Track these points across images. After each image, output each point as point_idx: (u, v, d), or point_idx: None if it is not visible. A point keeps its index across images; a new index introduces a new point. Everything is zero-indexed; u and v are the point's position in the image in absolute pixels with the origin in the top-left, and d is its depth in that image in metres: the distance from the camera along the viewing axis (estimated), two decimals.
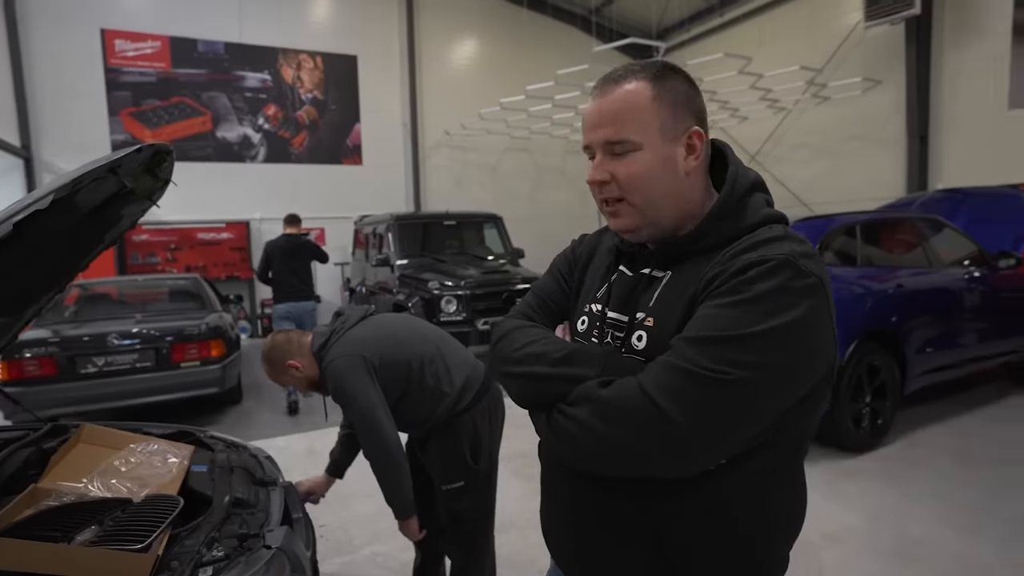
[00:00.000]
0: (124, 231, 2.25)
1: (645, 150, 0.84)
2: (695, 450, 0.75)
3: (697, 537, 0.85)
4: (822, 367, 0.79)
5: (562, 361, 0.87)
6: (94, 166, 1.37)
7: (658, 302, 0.86)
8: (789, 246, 0.78)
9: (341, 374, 1.85)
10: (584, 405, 0.80)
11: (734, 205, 0.87)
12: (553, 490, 1.04)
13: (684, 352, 0.75)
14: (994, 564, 2.58)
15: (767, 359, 0.73)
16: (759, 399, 0.74)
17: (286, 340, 2.02)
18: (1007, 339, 4.72)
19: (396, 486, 1.88)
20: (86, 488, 1.56)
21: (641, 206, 0.87)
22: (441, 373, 1.95)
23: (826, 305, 0.78)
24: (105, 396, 4.34)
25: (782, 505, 0.89)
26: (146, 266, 8.76)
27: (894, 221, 4.69)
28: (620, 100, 0.85)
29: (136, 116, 8.92)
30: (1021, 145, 7.28)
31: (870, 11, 8.01)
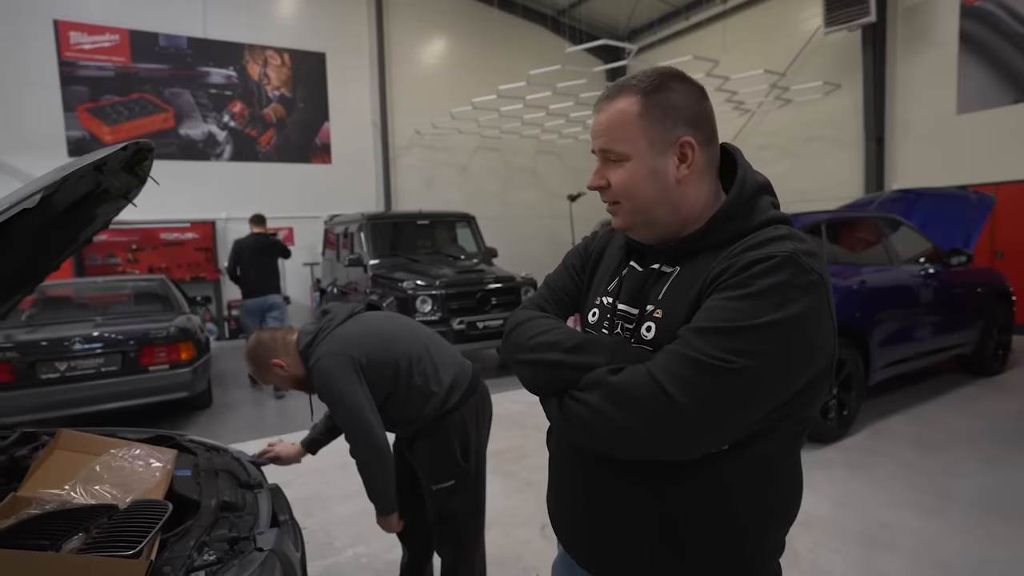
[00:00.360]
0: (98, 230, 2.19)
1: (633, 161, 0.90)
2: (699, 433, 0.79)
3: (702, 520, 0.88)
4: (821, 360, 0.83)
5: (574, 349, 0.91)
6: (81, 163, 1.33)
7: (667, 295, 0.91)
8: (792, 244, 0.82)
9: (328, 372, 1.83)
10: (595, 391, 0.84)
11: (742, 206, 0.91)
12: (563, 476, 1.06)
13: (692, 341, 0.79)
14: (953, 542, 2.73)
15: (770, 349, 0.77)
16: (761, 387, 0.78)
17: (270, 339, 1.98)
18: (959, 332, 4.98)
19: (381, 484, 1.87)
20: (69, 495, 1.52)
21: (631, 209, 0.93)
22: (429, 372, 1.94)
23: (826, 301, 0.82)
24: (68, 402, 4.17)
25: (781, 491, 0.94)
26: (106, 267, 8.44)
27: (857, 220, 4.88)
28: (612, 115, 0.92)
29: (94, 112, 8.59)
30: (968, 148, 7.66)
31: (829, 17, 8.30)
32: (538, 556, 2.78)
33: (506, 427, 4.29)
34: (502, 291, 6.43)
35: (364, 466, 1.87)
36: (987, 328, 5.27)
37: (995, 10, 7.33)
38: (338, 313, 2.00)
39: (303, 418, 4.88)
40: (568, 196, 11.05)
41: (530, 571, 2.66)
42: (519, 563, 2.71)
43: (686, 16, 11.23)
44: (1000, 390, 5.06)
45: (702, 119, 0.92)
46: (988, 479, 3.35)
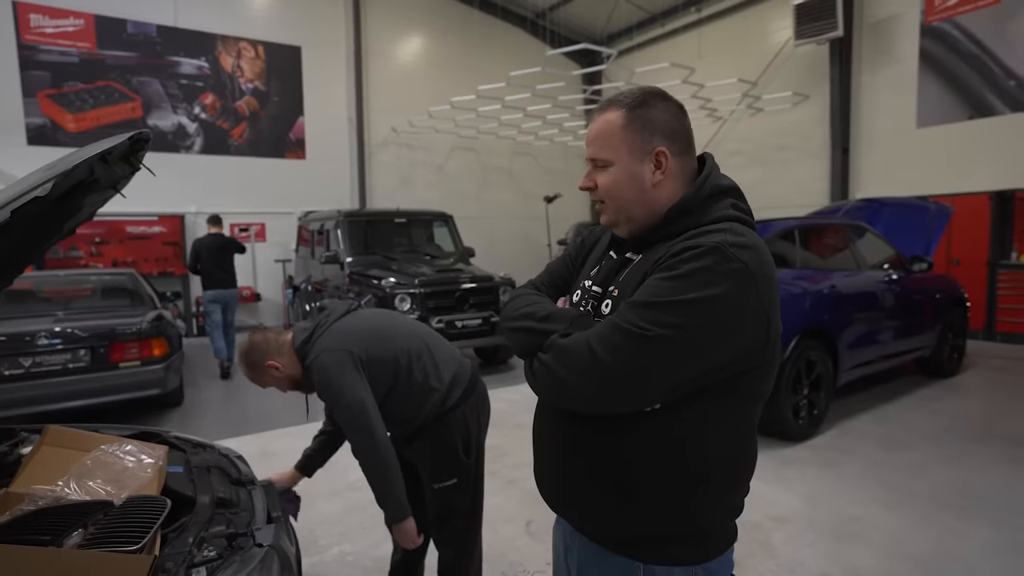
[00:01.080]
0: (83, 221, 2.14)
1: (616, 166, 1.05)
2: (622, 389, 0.92)
3: (645, 471, 1.00)
4: (743, 340, 0.93)
5: (544, 319, 1.07)
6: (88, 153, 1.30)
7: (624, 278, 1.06)
8: (723, 236, 0.93)
9: (327, 369, 1.79)
10: (550, 352, 1.00)
11: (698, 204, 1.03)
12: (540, 437, 1.19)
13: (623, 313, 0.93)
14: (918, 535, 2.87)
15: (683, 322, 0.89)
16: (673, 353, 0.90)
17: (263, 340, 1.93)
18: (920, 336, 5.22)
19: (387, 486, 1.81)
20: (62, 491, 1.48)
21: (614, 208, 1.08)
22: (429, 368, 1.92)
23: (751, 288, 0.91)
24: (33, 399, 4.01)
25: (726, 455, 1.03)
26: (67, 260, 8.11)
27: (827, 227, 5.07)
28: (600, 126, 1.07)
29: (56, 99, 8.26)
30: (927, 161, 8.02)
31: (800, 30, 8.58)
32: (523, 553, 2.81)
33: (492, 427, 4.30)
34: (480, 291, 6.44)
35: (368, 466, 1.82)
36: (944, 332, 5.53)
37: (951, 30, 7.70)
38: (335, 309, 1.97)
39: (277, 416, 4.84)
40: (544, 198, 11.12)
41: (517, 568, 2.69)
42: (504, 560, 2.74)
43: (662, 23, 11.44)
44: (956, 391, 5.32)
45: (679, 133, 1.06)
46: (949, 475, 3.52)
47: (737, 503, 1.07)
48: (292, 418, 4.77)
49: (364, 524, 3.03)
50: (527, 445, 1.28)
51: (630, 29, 11.92)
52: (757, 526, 2.95)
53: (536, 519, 3.10)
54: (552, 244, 11.61)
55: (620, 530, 1.05)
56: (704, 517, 1.03)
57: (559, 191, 11.56)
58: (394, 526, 1.86)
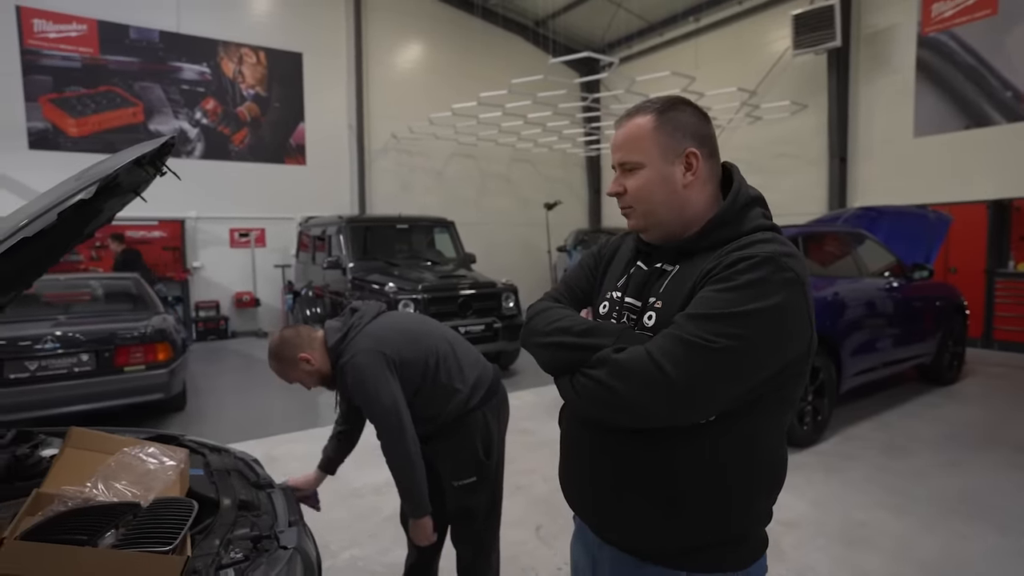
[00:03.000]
0: (102, 224, 2.14)
1: (647, 168, 1.05)
2: (688, 403, 0.91)
3: (692, 483, 1.00)
4: (796, 347, 0.96)
5: (585, 333, 1.05)
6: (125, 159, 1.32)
7: (667, 289, 1.04)
8: (774, 247, 0.95)
9: (362, 370, 1.82)
10: (602, 367, 0.97)
11: (734, 214, 1.04)
12: (573, 448, 1.18)
13: (684, 326, 0.92)
14: (925, 540, 2.90)
15: (746, 333, 0.89)
16: (738, 364, 0.91)
17: (295, 334, 1.95)
18: (921, 343, 5.26)
19: (414, 485, 1.86)
20: (90, 492, 1.48)
21: (644, 211, 1.08)
22: (454, 370, 1.96)
23: (802, 297, 0.94)
24: (37, 404, 3.99)
25: (764, 462, 1.05)
26: (67, 264, 8.08)
27: (830, 234, 5.11)
28: (629, 130, 1.07)
29: (58, 103, 8.25)
30: (925, 170, 8.11)
31: (798, 40, 8.68)
32: (533, 556, 2.82)
33: None
34: (483, 297, 6.46)
35: (397, 466, 1.86)
36: (944, 340, 5.58)
37: (948, 41, 7.81)
38: (367, 311, 1.99)
39: (279, 421, 4.83)
40: (545, 205, 11.16)
41: (528, 571, 2.69)
42: (515, 563, 2.74)
43: (660, 32, 11.54)
44: (956, 398, 5.36)
45: (706, 137, 1.07)
46: (953, 481, 3.56)
47: (770, 508, 1.09)
48: (294, 423, 4.77)
49: (371, 531, 3.04)
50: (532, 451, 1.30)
51: (629, 38, 12.02)
52: (768, 530, 2.96)
53: (545, 524, 3.11)
54: (552, 251, 11.64)
55: (662, 542, 1.04)
56: (744, 524, 1.04)
57: (559, 198, 11.61)
58: (413, 521, 1.91)
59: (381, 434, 1.86)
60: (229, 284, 9.68)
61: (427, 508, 1.89)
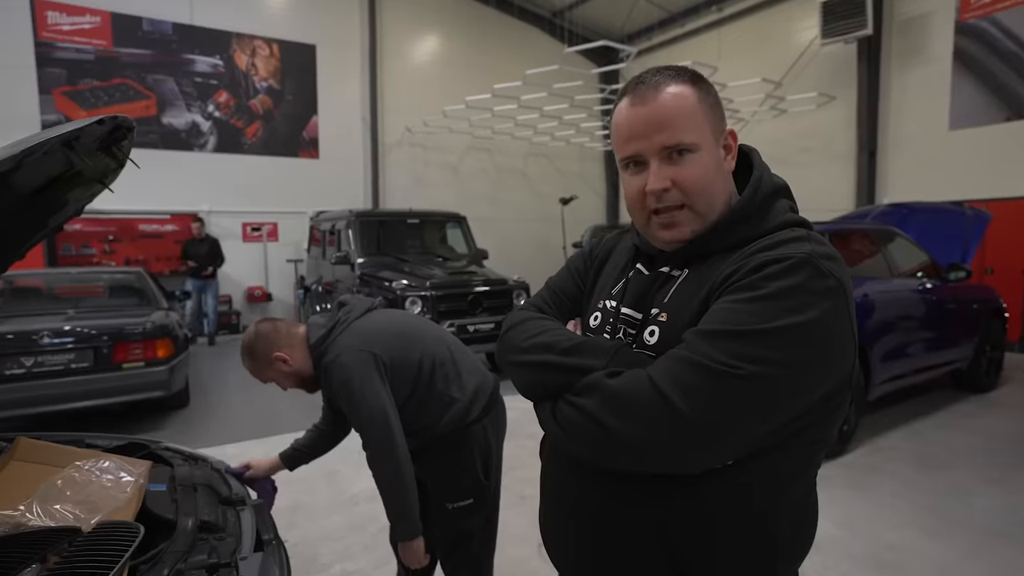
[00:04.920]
0: (69, 217, 2.00)
1: (703, 151, 0.82)
2: (702, 445, 0.72)
3: (705, 546, 0.80)
4: (838, 372, 0.77)
5: (570, 351, 0.84)
6: (45, 136, 1.15)
7: (673, 299, 0.85)
8: (810, 246, 0.77)
9: (348, 371, 1.62)
10: (591, 395, 0.77)
11: (756, 207, 0.85)
12: (556, 492, 0.98)
13: (697, 346, 0.73)
14: (968, 567, 2.64)
15: (783, 356, 0.70)
16: (770, 396, 0.71)
17: (271, 329, 1.75)
18: (957, 348, 4.95)
19: (403, 503, 1.65)
20: (23, 516, 1.33)
21: (703, 210, 0.84)
22: (452, 377, 1.76)
23: (846, 308, 0.76)
24: (33, 400, 3.91)
25: (792, 517, 0.84)
26: (80, 258, 8.10)
27: (859, 232, 4.83)
28: (670, 104, 0.82)
29: (71, 95, 8.25)
30: (960, 164, 7.71)
31: (826, 29, 8.31)
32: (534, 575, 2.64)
33: None
34: (494, 294, 6.28)
35: (384, 480, 1.65)
36: (981, 344, 5.26)
37: (989, 28, 7.39)
38: (356, 306, 1.79)
39: (285, 420, 4.70)
40: (560, 199, 10.93)
41: None
42: None
43: (682, 23, 11.21)
44: (994, 407, 5.04)
45: (723, 110, 0.90)
46: (993, 500, 3.28)
47: (797, 569, 0.89)
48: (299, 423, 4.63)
49: (366, 542, 2.87)
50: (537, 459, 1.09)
51: (650, 28, 11.70)
52: None
53: None
54: (567, 247, 11.42)
55: None
56: None
57: (575, 193, 11.36)
58: (403, 544, 1.69)
59: (367, 443, 1.66)
60: (241, 279, 9.64)
61: (419, 528, 1.68)
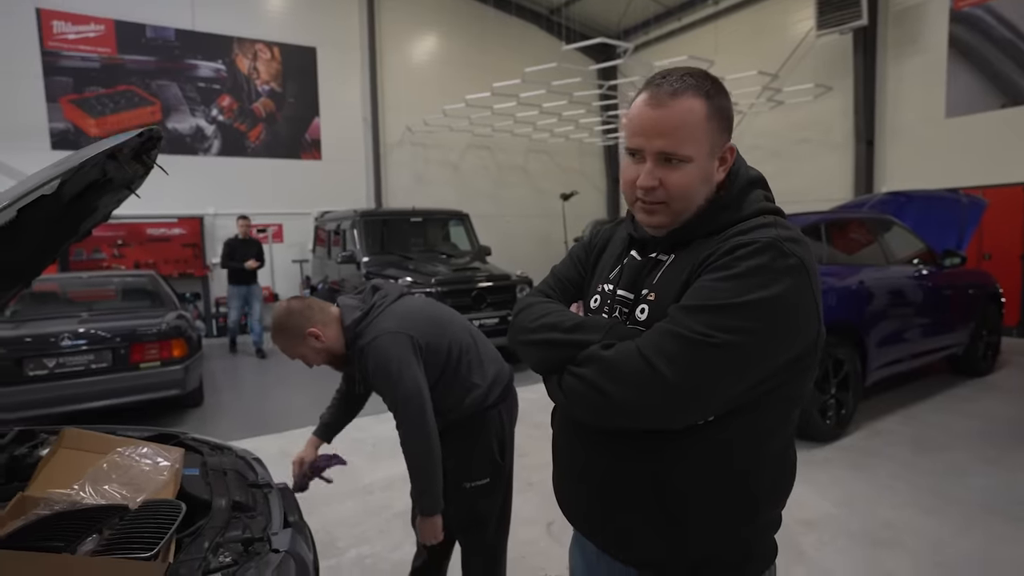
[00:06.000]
0: (98, 223, 2.12)
1: (695, 163, 0.92)
2: (683, 404, 0.84)
3: (692, 490, 0.92)
4: (802, 339, 0.88)
5: (572, 329, 0.97)
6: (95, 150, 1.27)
7: (660, 280, 0.96)
8: (775, 231, 0.88)
9: (386, 353, 1.70)
10: (589, 365, 0.90)
11: (733, 198, 0.97)
12: (565, 454, 1.12)
13: (678, 318, 0.85)
14: (956, 542, 2.75)
15: (750, 326, 0.82)
16: (741, 360, 0.83)
17: (305, 306, 1.82)
18: (952, 333, 5.04)
19: (430, 480, 1.74)
20: (78, 495, 1.46)
21: (679, 210, 0.95)
22: (475, 364, 1.86)
23: (807, 284, 0.86)
24: (56, 400, 4.05)
25: (771, 465, 0.96)
26: (90, 262, 8.23)
27: (854, 221, 4.92)
28: (680, 116, 0.90)
29: (78, 103, 8.37)
30: (957, 152, 7.78)
31: (821, 20, 8.38)
32: (545, 556, 2.75)
33: None
34: (497, 289, 6.39)
35: (415, 457, 1.74)
36: (978, 329, 5.35)
37: (984, 16, 7.45)
38: (391, 291, 1.88)
39: (297, 416, 4.83)
40: (561, 195, 11.03)
41: (538, 571, 2.63)
42: (524, 563, 2.68)
43: (678, 17, 11.27)
44: (992, 390, 5.13)
45: (732, 120, 0.98)
46: (988, 479, 3.38)
47: (779, 516, 1.01)
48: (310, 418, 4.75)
49: (381, 527, 3.00)
50: (546, 445, 1.22)
51: (646, 23, 11.76)
52: (785, 530, 2.82)
53: (557, 520, 3.05)
54: (568, 242, 11.51)
55: (659, 556, 0.97)
56: (750, 534, 0.96)
57: (575, 188, 11.45)
58: (423, 519, 1.79)
59: (401, 422, 1.74)
60: None
61: (441, 504, 1.78)
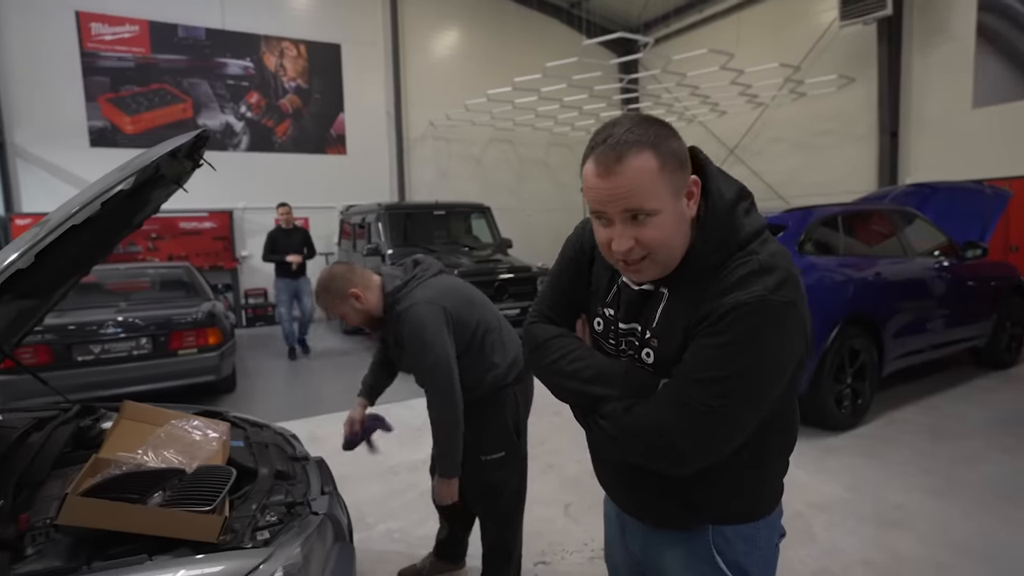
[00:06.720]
0: (149, 215, 2.29)
1: (663, 213, 0.92)
2: (703, 458, 0.96)
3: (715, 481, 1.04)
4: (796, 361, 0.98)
5: (592, 380, 1.05)
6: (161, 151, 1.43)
7: (660, 323, 1.00)
8: (764, 283, 0.90)
9: (422, 320, 1.84)
10: (612, 423, 1.00)
11: (720, 228, 0.96)
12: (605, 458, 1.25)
13: (685, 391, 0.93)
14: (966, 523, 2.82)
15: (750, 386, 0.91)
16: (745, 416, 0.94)
17: (349, 270, 1.99)
18: (973, 325, 5.02)
19: (453, 443, 1.88)
20: (141, 458, 1.63)
21: (663, 259, 0.96)
22: (497, 344, 2.00)
23: (798, 320, 0.93)
24: (101, 384, 4.30)
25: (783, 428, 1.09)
26: (127, 255, 8.58)
27: (872, 213, 4.92)
28: (631, 179, 0.89)
29: (114, 102, 8.70)
30: (984, 142, 7.64)
31: (845, 11, 8.27)
32: (562, 534, 2.88)
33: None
34: (518, 281, 6.53)
35: (441, 422, 1.88)
36: (1001, 321, 5.31)
37: (1014, 3, 7.29)
38: (431, 265, 2.03)
39: (324, 402, 5.04)
40: (581, 189, 11.06)
41: (556, 547, 2.76)
42: (543, 539, 2.82)
43: (700, 9, 11.19)
44: (1014, 382, 5.10)
45: (687, 155, 0.97)
46: (1002, 467, 3.42)
47: (787, 463, 1.13)
48: (337, 404, 4.96)
49: (407, 505, 3.17)
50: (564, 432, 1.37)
51: (667, 16, 11.70)
52: (798, 514, 2.94)
53: (574, 502, 3.17)
54: None
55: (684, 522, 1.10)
56: (764, 484, 1.10)
57: None
58: (442, 481, 1.95)
59: (430, 388, 1.88)
60: None
61: (458, 470, 1.93)
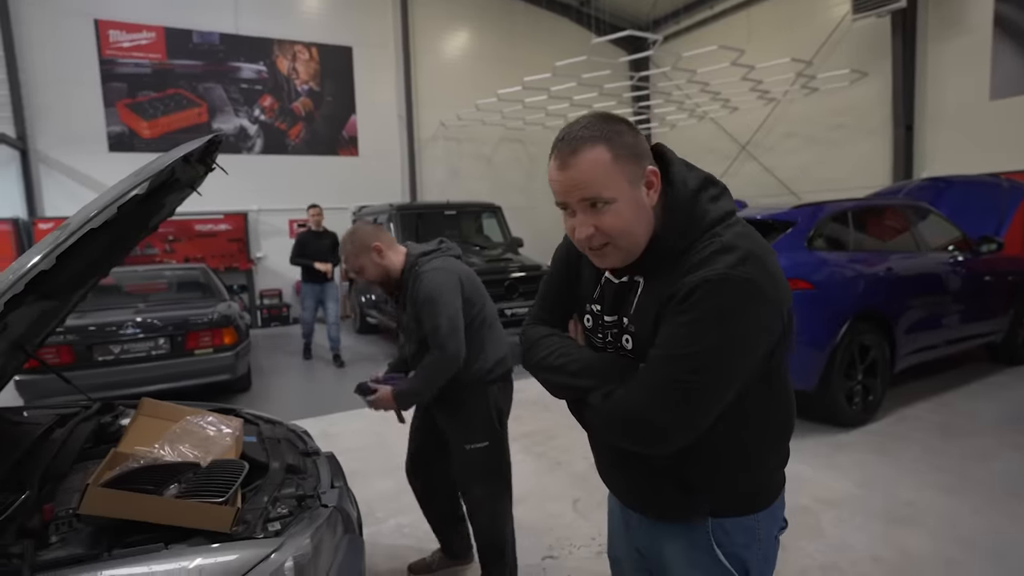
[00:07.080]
0: (164, 218, 2.36)
1: (620, 201, 0.98)
2: (683, 435, 0.99)
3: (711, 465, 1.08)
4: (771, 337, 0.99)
5: (576, 374, 1.12)
6: (175, 156, 1.48)
7: (637, 310, 1.05)
8: (725, 260, 0.94)
9: (439, 281, 2.02)
10: (596, 412, 1.06)
11: (683, 218, 1.01)
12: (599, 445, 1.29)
13: (658, 369, 0.97)
14: (976, 520, 2.80)
15: (720, 362, 0.94)
16: (723, 385, 0.96)
17: (377, 227, 2.19)
18: (989, 320, 4.96)
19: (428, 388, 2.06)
20: (158, 452, 1.69)
21: (626, 246, 1.01)
22: (487, 339, 2.13)
23: (764, 296, 0.94)
24: (121, 383, 4.42)
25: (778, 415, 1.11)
26: (144, 257, 8.76)
27: (884, 208, 4.88)
28: (585, 170, 0.96)
29: (132, 107, 8.88)
30: (1001, 135, 7.52)
31: (858, 4, 8.19)
32: (570, 529, 2.92)
33: (534, 410, 4.43)
34: (529, 279, 6.57)
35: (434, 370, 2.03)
36: (1018, 317, 5.24)
37: None
38: (453, 248, 2.22)
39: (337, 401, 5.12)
40: None
41: (564, 542, 2.80)
42: (551, 534, 2.85)
43: (710, 5, 11.12)
44: None
45: (646, 149, 1.03)
46: (1013, 464, 3.38)
47: (787, 452, 1.15)
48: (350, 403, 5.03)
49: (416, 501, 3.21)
50: (573, 429, 1.40)
51: (677, 13, 11.66)
52: (806, 510, 2.94)
53: (582, 498, 3.20)
54: None
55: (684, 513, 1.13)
56: (763, 474, 1.12)
57: None
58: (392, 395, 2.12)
59: (436, 346, 2.01)
60: (290, 272, 10.15)
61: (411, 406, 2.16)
